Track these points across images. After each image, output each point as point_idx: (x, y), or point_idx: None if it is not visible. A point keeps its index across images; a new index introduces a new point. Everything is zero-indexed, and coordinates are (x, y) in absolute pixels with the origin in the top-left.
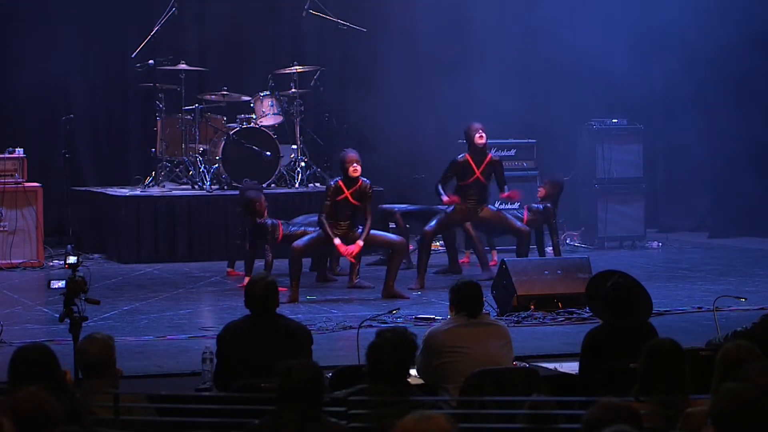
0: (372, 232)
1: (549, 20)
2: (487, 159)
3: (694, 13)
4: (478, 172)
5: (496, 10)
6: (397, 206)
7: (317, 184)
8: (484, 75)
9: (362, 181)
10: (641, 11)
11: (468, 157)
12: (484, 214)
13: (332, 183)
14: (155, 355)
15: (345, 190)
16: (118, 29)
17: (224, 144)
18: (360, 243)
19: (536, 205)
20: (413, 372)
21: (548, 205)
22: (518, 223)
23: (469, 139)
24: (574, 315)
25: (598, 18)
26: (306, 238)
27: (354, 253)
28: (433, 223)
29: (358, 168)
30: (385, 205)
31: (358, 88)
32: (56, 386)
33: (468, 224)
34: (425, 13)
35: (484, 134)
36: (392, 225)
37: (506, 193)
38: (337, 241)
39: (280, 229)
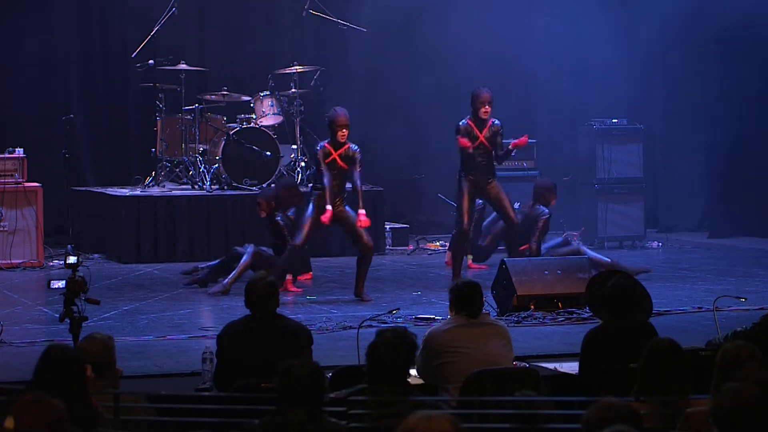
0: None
1: (549, 20)
2: (489, 123)
3: (694, 13)
4: (481, 136)
5: (495, 10)
6: None
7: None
8: (484, 75)
9: (349, 145)
10: (641, 11)
11: (470, 122)
12: (492, 192)
13: (319, 147)
14: (155, 355)
15: (333, 152)
16: (118, 29)
17: (224, 144)
18: (363, 213)
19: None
20: (413, 372)
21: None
22: (512, 212)
23: (474, 109)
24: (574, 315)
25: (598, 18)
26: (301, 230)
27: (365, 225)
28: (462, 216)
29: (346, 132)
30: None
31: (358, 88)
32: (77, 390)
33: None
34: (425, 13)
35: (489, 109)
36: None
37: (516, 142)
38: (329, 207)
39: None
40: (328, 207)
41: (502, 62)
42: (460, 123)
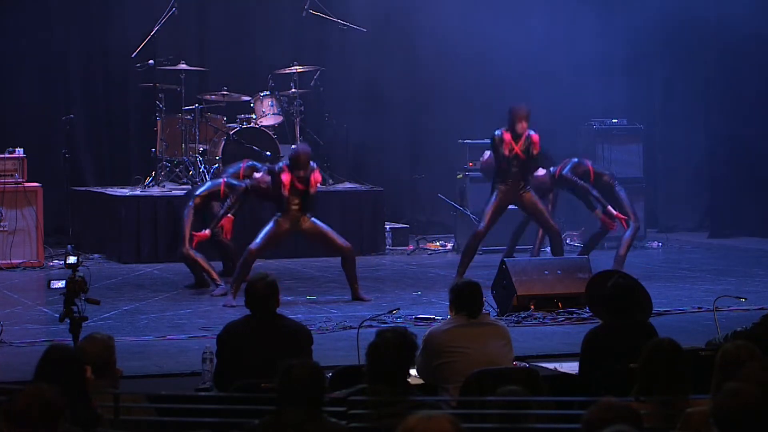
0: (324, 227)
1: (549, 20)
2: (524, 135)
3: (694, 12)
4: (517, 148)
5: (495, 11)
6: None
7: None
8: (484, 75)
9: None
10: (641, 11)
11: (505, 133)
12: (526, 199)
13: (278, 166)
14: (155, 355)
15: (289, 174)
16: (118, 29)
17: (224, 144)
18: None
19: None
20: (413, 372)
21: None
22: (551, 220)
23: (511, 123)
24: (574, 315)
25: (598, 18)
26: (259, 238)
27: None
28: (483, 220)
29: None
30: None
31: (358, 88)
32: (77, 390)
33: None
34: (425, 13)
35: (526, 125)
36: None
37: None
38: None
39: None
40: None
41: (502, 62)
42: (496, 133)
